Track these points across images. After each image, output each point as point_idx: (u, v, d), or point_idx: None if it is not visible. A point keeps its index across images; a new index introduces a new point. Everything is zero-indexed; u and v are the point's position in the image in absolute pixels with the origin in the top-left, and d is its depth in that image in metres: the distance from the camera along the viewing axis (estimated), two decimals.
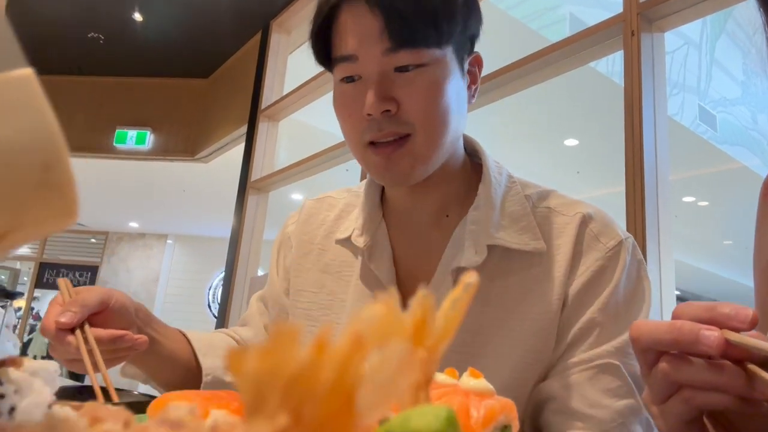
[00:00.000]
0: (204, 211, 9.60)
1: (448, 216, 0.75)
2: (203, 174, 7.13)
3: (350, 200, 0.85)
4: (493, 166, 0.76)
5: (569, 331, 0.67)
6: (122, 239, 11.73)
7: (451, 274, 0.69)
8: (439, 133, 0.68)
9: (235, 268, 4.43)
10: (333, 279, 0.80)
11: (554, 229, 0.71)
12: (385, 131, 0.67)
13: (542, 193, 0.76)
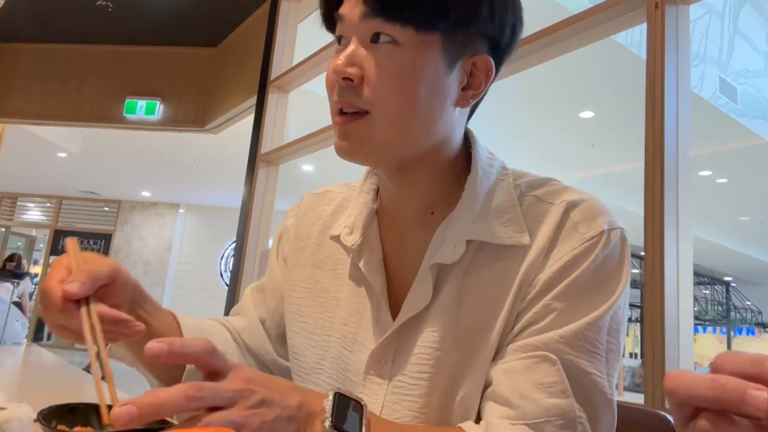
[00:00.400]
0: (215, 181, 9.61)
1: (433, 213, 0.72)
2: (213, 144, 7.11)
3: (348, 195, 0.82)
4: (484, 159, 0.72)
5: (524, 316, 0.64)
6: (135, 208, 11.83)
7: (430, 270, 0.67)
8: (399, 123, 0.64)
9: (246, 238, 4.44)
10: (327, 276, 0.77)
11: (536, 218, 0.67)
12: (343, 99, 0.64)
13: (534, 182, 0.71)
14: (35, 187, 11.44)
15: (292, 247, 0.83)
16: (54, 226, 11.92)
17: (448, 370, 0.64)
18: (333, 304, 0.75)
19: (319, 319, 0.75)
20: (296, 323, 0.78)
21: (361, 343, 0.70)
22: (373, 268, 0.71)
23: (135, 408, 0.44)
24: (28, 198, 12.20)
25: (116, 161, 9.23)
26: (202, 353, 0.50)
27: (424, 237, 0.70)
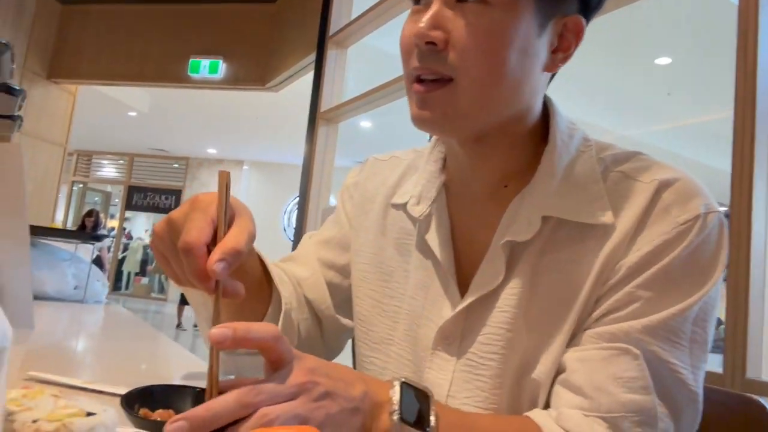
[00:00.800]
0: (276, 138, 9.75)
1: (506, 186, 0.67)
2: (274, 103, 7.17)
3: (414, 161, 0.78)
4: (563, 129, 0.66)
5: (605, 301, 0.59)
6: (202, 165, 12.22)
7: (502, 248, 0.63)
8: (484, 90, 0.59)
9: (308, 195, 4.51)
10: (392, 244, 0.74)
11: (623, 197, 0.61)
12: (425, 64, 0.59)
13: (620, 156, 0.65)
14: (108, 145, 12.00)
15: (356, 210, 0.80)
16: (127, 182, 12.53)
17: (520, 352, 0.62)
18: (402, 276, 0.72)
19: (387, 289, 0.73)
20: (362, 289, 0.76)
21: (428, 318, 0.68)
22: (441, 241, 0.68)
23: (187, 424, 0.42)
24: (102, 156, 12.83)
25: (183, 119, 9.51)
26: (268, 339, 0.47)
27: (496, 211, 0.66)
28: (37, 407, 0.36)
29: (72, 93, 6.92)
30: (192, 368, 1.02)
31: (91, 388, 0.67)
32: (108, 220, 13.72)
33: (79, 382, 0.69)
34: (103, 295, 1.84)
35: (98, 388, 0.68)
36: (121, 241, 12.98)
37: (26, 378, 0.69)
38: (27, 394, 0.39)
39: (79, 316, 1.57)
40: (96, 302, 1.81)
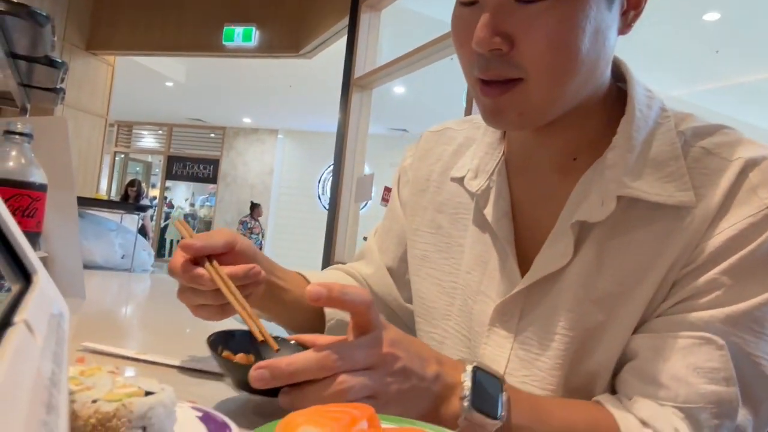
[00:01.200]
0: (310, 106, 9.74)
1: (575, 159, 0.63)
2: (308, 70, 7.12)
3: (470, 133, 0.75)
4: (642, 98, 0.62)
5: (683, 287, 0.56)
6: (238, 134, 12.34)
7: (571, 227, 0.59)
8: (559, 83, 0.56)
9: (342, 162, 4.51)
10: (448, 220, 0.73)
11: (705, 174, 0.57)
12: (492, 72, 0.56)
13: (701, 130, 0.60)
14: (147, 115, 12.21)
15: (411, 191, 0.79)
16: (167, 152, 12.77)
17: (582, 334, 0.59)
18: (457, 251, 0.71)
19: (446, 265, 0.72)
20: (422, 269, 0.74)
21: (485, 294, 0.66)
22: (500, 216, 0.65)
23: (269, 373, 0.45)
24: (142, 126, 13.08)
25: (218, 89, 9.57)
26: (360, 303, 0.48)
27: (562, 186, 0.63)
28: (96, 386, 0.36)
29: (110, 64, 7.02)
30: None
31: (143, 359, 0.69)
32: (149, 190, 14.08)
33: (132, 353, 0.70)
34: (149, 264, 1.89)
35: (150, 359, 0.69)
36: (163, 210, 13.32)
37: (80, 349, 0.71)
38: (84, 371, 0.40)
39: (127, 285, 1.61)
40: (143, 271, 1.86)
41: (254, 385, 0.45)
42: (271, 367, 0.45)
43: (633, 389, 0.56)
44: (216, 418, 0.42)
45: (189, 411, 0.43)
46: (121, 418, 0.33)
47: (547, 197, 0.64)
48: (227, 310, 0.60)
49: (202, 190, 13.71)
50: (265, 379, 0.45)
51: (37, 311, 0.27)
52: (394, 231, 0.81)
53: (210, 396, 0.60)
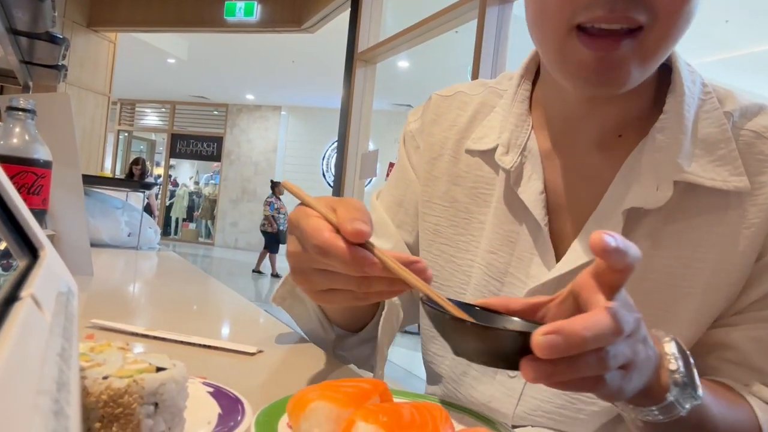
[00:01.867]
0: (313, 82, 9.65)
1: (620, 136, 0.59)
2: (311, 45, 7.04)
3: (486, 98, 0.70)
4: (686, 72, 0.58)
5: (764, 285, 0.55)
6: (241, 111, 12.28)
7: (623, 214, 0.56)
8: (681, 28, 0.50)
9: (347, 139, 4.49)
10: (467, 195, 0.68)
11: (759, 160, 0.55)
12: (618, 13, 0.48)
13: (748, 110, 0.57)
14: (150, 92, 12.14)
15: (423, 158, 0.73)
16: (170, 130, 12.73)
17: None
18: (477, 228, 0.67)
19: (461, 242, 0.68)
20: (434, 244, 0.70)
21: (514, 276, 0.63)
22: (534, 195, 0.61)
23: (562, 339, 0.35)
24: (145, 104, 13.02)
25: (221, 65, 9.49)
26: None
27: (606, 165, 0.59)
28: (106, 362, 0.35)
29: (112, 41, 6.96)
30: (245, 312, 1.04)
31: (153, 335, 0.69)
32: (154, 168, 14.08)
33: (141, 329, 0.70)
34: (155, 242, 1.89)
35: (160, 335, 0.69)
36: (168, 188, 13.34)
37: (89, 326, 0.71)
38: (94, 348, 0.39)
39: (134, 263, 1.61)
40: (150, 248, 1.86)
41: (542, 353, 0.35)
42: (564, 332, 0.35)
43: (735, 376, 0.55)
44: (228, 393, 0.42)
45: (200, 386, 0.43)
46: (132, 395, 0.32)
47: (588, 177, 0.60)
48: (371, 297, 0.48)
49: (206, 168, 13.71)
50: (557, 346, 0.35)
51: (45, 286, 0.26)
52: (409, 201, 0.75)
53: (220, 372, 0.60)
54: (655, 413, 0.44)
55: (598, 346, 0.36)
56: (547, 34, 0.53)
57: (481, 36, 3.11)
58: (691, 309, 0.56)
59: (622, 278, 0.39)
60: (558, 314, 0.43)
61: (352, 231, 0.43)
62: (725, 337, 0.56)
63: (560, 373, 0.36)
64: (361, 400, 0.39)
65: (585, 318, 0.36)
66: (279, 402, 0.41)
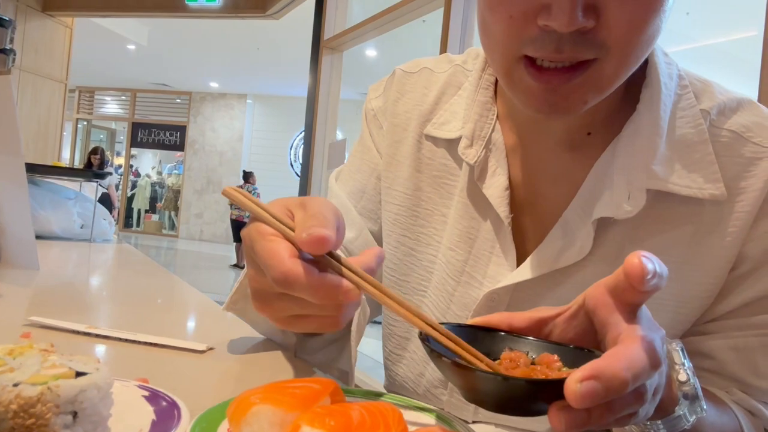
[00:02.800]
0: (280, 70, 9.51)
1: (590, 134, 0.55)
2: (276, 31, 6.91)
3: (453, 77, 0.65)
4: (663, 64, 0.54)
5: (743, 294, 0.53)
6: (205, 99, 12.01)
7: (593, 224, 0.52)
8: (636, 60, 0.47)
9: (314, 129, 4.43)
10: (430, 183, 0.63)
11: (739, 164, 0.52)
12: (565, 54, 0.45)
13: (726, 105, 0.54)
14: (110, 80, 11.77)
15: (386, 139, 0.67)
16: (131, 118, 12.38)
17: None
18: (439, 221, 0.62)
19: (422, 234, 0.63)
20: (393, 235, 0.65)
21: (470, 275, 0.59)
22: (499, 193, 0.57)
23: (602, 386, 0.30)
24: (104, 91, 12.62)
25: (183, 52, 9.26)
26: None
27: (574, 164, 0.55)
28: (21, 367, 0.32)
29: (68, 26, 6.69)
30: (201, 307, 1.00)
31: (96, 333, 0.65)
32: (114, 158, 13.68)
33: (83, 327, 0.66)
34: (111, 234, 1.82)
35: (104, 333, 0.65)
36: (129, 178, 12.99)
37: (26, 323, 0.67)
38: (13, 350, 0.36)
39: (87, 256, 1.55)
40: (104, 241, 1.79)
41: (579, 404, 0.30)
42: (604, 378, 0.30)
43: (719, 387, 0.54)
44: (165, 397, 0.39)
45: (135, 390, 0.40)
46: (46, 403, 0.29)
47: (556, 176, 0.57)
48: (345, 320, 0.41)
49: (169, 157, 13.39)
50: (596, 394, 0.30)
51: None
52: (373, 186, 0.69)
53: (164, 373, 0.56)
54: (659, 427, 0.40)
55: (639, 384, 0.32)
56: (495, 60, 0.50)
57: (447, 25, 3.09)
58: (662, 323, 0.54)
59: (646, 298, 0.35)
60: (567, 330, 0.40)
61: (308, 241, 0.37)
62: (701, 346, 0.55)
63: (596, 419, 0.32)
64: (308, 402, 0.36)
65: (622, 355, 0.32)
66: (219, 406, 0.38)
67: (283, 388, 0.37)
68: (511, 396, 0.34)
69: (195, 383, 0.53)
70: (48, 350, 0.36)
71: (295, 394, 0.36)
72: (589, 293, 0.38)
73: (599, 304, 0.37)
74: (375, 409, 0.35)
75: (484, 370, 0.36)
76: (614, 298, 0.36)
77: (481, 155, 0.58)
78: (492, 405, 0.35)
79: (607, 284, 0.37)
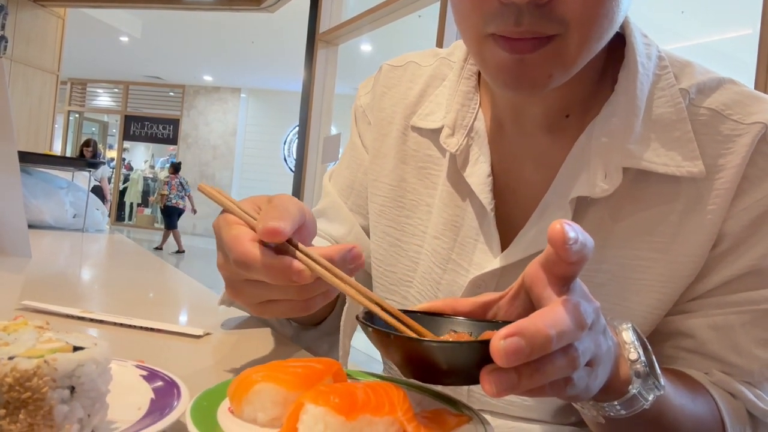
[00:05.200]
0: (274, 63, 9.46)
1: (568, 117, 0.55)
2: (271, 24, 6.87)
3: (438, 70, 0.66)
4: (641, 45, 0.54)
5: (723, 272, 0.53)
6: (198, 92, 11.94)
7: (571, 204, 0.53)
8: (598, 36, 0.48)
9: (308, 123, 4.41)
10: (415, 174, 0.64)
11: (717, 141, 0.52)
12: (524, 27, 0.45)
13: (706, 84, 0.54)
14: (102, 72, 11.67)
15: (373, 135, 0.68)
16: (124, 111, 12.29)
17: None
18: (424, 211, 0.63)
19: (407, 225, 0.64)
20: (379, 226, 0.66)
21: (456, 263, 0.59)
22: (482, 180, 0.57)
23: (525, 342, 0.31)
24: (96, 84, 12.52)
25: (177, 44, 9.19)
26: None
27: (553, 147, 0.56)
28: (17, 342, 0.31)
29: (61, 17, 6.63)
30: (196, 295, 0.99)
31: (90, 318, 0.63)
32: (107, 151, 13.59)
33: (77, 312, 0.65)
34: (104, 224, 1.80)
35: (98, 317, 0.64)
36: (121, 172, 12.91)
37: (19, 308, 0.65)
38: (7, 327, 0.35)
39: (79, 246, 1.53)
40: (97, 231, 1.77)
41: (504, 361, 0.31)
42: (526, 333, 0.31)
43: (691, 365, 0.54)
44: (163, 376, 0.38)
45: (132, 370, 0.39)
46: (43, 377, 0.28)
47: (536, 160, 0.57)
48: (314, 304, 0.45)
49: (162, 151, 13.32)
50: (520, 351, 0.31)
51: None
52: (360, 183, 0.71)
53: (161, 357, 0.55)
54: (617, 408, 0.41)
55: (565, 343, 0.33)
56: (467, 37, 0.50)
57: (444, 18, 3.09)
58: (644, 302, 0.54)
59: (577, 269, 0.35)
60: (510, 312, 0.40)
61: (263, 231, 0.41)
62: (681, 325, 0.54)
63: (526, 381, 0.32)
64: (311, 381, 0.35)
65: (545, 314, 0.33)
66: (220, 385, 0.37)
67: (286, 368, 0.36)
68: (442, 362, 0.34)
69: (193, 367, 0.53)
70: (43, 327, 0.36)
71: (297, 373, 0.35)
72: (526, 271, 0.38)
73: (534, 280, 0.37)
74: (380, 387, 0.34)
75: (414, 337, 0.37)
76: (547, 273, 0.36)
77: (463, 144, 0.59)
78: (427, 374, 0.35)
79: (540, 260, 0.37)
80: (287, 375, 0.35)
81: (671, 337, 0.55)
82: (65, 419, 0.29)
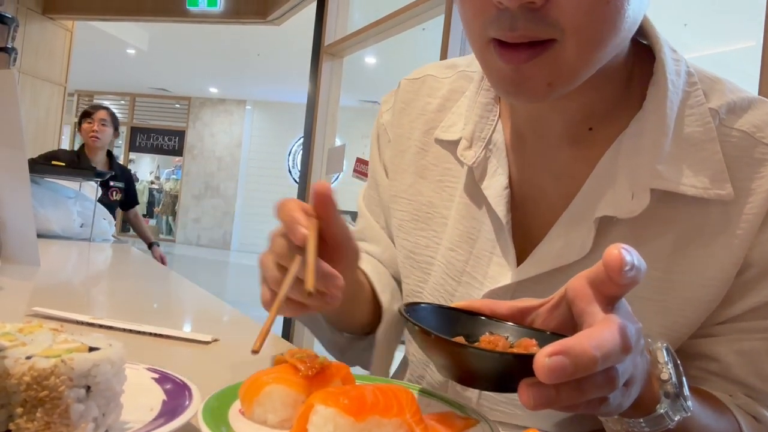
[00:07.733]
0: (280, 76, 9.52)
1: (591, 129, 0.54)
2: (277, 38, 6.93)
3: (457, 83, 0.65)
4: (671, 62, 0.52)
5: (750, 299, 0.52)
6: (204, 104, 12.02)
7: (595, 222, 0.51)
8: (598, 43, 0.46)
9: (313, 135, 4.43)
10: (432, 188, 0.64)
11: (748, 165, 0.50)
12: (519, 32, 0.45)
13: (736, 104, 0.52)
14: (109, 84, 11.77)
15: (392, 152, 0.68)
16: (130, 123, 12.37)
17: None
18: (440, 223, 0.62)
19: (421, 237, 0.64)
20: (398, 240, 0.66)
21: (471, 275, 0.59)
22: (498, 192, 0.56)
23: (570, 362, 0.31)
24: (103, 96, 12.61)
25: (183, 57, 9.27)
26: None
27: (577, 161, 0.54)
28: (34, 342, 0.32)
29: (69, 29, 6.70)
30: (204, 302, 0.99)
31: (99, 324, 0.64)
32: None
33: (87, 318, 0.65)
34: (110, 233, 1.82)
35: (107, 323, 0.64)
36: None
37: (29, 314, 0.66)
38: (23, 328, 0.35)
39: (87, 254, 1.54)
40: (104, 240, 1.78)
41: (546, 378, 0.31)
42: (573, 354, 0.31)
43: (715, 387, 0.53)
44: (175, 379, 0.38)
45: (144, 372, 0.40)
46: (60, 376, 0.29)
47: (557, 172, 0.56)
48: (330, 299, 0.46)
49: (167, 162, 13.38)
50: (564, 370, 0.31)
51: None
52: (383, 200, 0.71)
53: (172, 362, 0.56)
54: (642, 425, 0.40)
55: (608, 365, 0.33)
56: (472, 45, 0.51)
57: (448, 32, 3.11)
58: (664, 324, 0.53)
59: (626, 291, 0.35)
60: (548, 321, 0.40)
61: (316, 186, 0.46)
62: (706, 348, 0.54)
63: (565, 397, 0.32)
64: (321, 383, 0.36)
65: (592, 335, 0.33)
66: (231, 387, 0.38)
67: (296, 370, 0.36)
68: (482, 369, 0.35)
69: (203, 372, 0.53)
70: (58, 329, 0.36)
71: (307, 375, 0.36)
72: (571, 284, 0.38)
73: (579, 294, 0.37)
74: (388, 390, 0.35)
75: (460, 343, 0.37)
76: (594, 290, 0.36)
77: (481, 156, 0.58)
78: (465, 378, 0.36)
79: (587, 276, 0.37)
80: (298, 377, 0.35)
81: (696, 359, 0.55)
82: (81, 418, 0.29)
